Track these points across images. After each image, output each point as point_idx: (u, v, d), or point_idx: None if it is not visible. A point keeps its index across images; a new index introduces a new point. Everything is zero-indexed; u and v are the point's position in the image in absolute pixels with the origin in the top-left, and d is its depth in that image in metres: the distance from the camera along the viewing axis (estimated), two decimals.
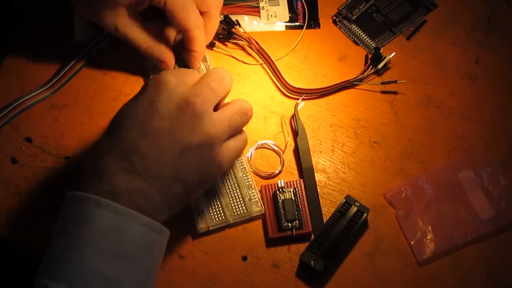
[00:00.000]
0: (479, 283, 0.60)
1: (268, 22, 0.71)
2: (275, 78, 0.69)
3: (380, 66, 0.67)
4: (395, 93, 0.68)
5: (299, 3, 0.72)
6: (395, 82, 0.68)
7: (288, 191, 0.62)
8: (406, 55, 0.70)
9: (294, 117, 0.66)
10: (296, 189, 0.62)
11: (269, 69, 0.69)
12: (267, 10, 0.72)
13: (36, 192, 0.63)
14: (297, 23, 0.71)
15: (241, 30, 0.69)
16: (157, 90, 0.54)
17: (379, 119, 0.67)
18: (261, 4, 0.72)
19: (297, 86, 0.67)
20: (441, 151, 0.65)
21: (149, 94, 0.55)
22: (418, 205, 0.63)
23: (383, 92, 0.68)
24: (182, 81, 0.55)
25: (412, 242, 0.61)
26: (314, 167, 0.64)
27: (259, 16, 0.72)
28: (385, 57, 0.68)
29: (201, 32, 0.62)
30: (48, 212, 0.62)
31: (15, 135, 0.65)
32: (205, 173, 0.55)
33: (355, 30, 0.71)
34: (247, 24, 0.71)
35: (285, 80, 0.68)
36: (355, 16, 0.71)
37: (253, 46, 0.69)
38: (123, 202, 0.50)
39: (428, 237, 0.61)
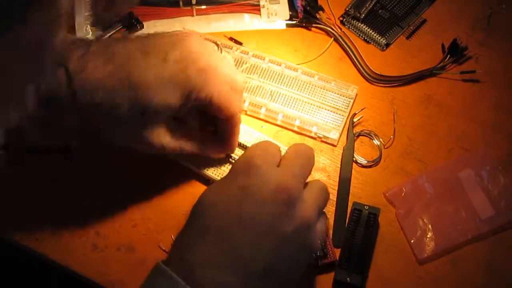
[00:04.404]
0: (479, 281, 0.60)
1: (269, 21, 0.71)
2: (358, 65, 0.69)
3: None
4: (394, 92, 0.68)
5: (299, 1, 0.72)
6: (474, 72, 0.68)
7: None
8: (406, 54, 0.70)
9: (349, 125, 0.66)
10: None
11: (353, 56, 0.69)
12: (267, 8, 0.72)
13: (37, 192, 0.63)
14: (298, 21, 0.71)
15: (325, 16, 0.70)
16: (247, 174, 0.51)
17: (379, 118, 0.67)
18: (262, 3, 0.72)
19: (379, 73, 0.68)
20: (441, 150, 0.66)
21: (240, 181, 0.51)
22: (418, 203, 0.63)
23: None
24: (271, 162, 0.52)
25: (412, 241, 0.61)
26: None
27: (260, 15, 0.72)
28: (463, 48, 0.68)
29: (240, 114, 0.60)
30: (49, 211, 0.62)
31: None
32: (300, 261, 0.51)
33: (364, 29, 0.71)
34: (248, 22, 0.71)
35: (368, 67, 0.68)
36: (363, 15, 0.71)
37: (336, 33, 0.70)
38: None
39: (428, 236, 0.61)
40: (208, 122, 0.62)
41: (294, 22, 0.71)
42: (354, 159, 0.65)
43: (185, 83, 0.53)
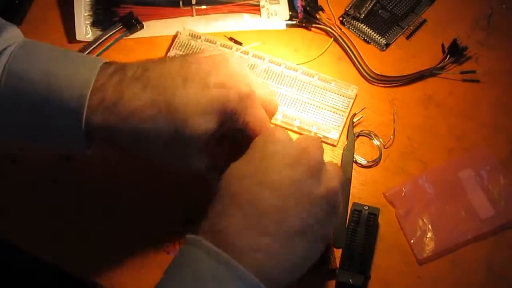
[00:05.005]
0: (479, 282, 0.60)
1: (269, 21, 0.71)
2: (358, 65, 0.69)
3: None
4: (394, 92, 0.68)
5: (299, 1, 0.72)
6: (474, 72, 0.68)
7: None
8: (406, 54, 0.70)
9: (349, 126, 0.66)
10: None
11: (353, 56, 0.69)
12: (267, 8, 0.72)
13: (36, 192, 0.63)
14: (298, 22, 0.71)
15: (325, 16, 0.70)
16: (269, 142, 0.51)
17: (379, 118, 0.67)
18: (262, 3, 0.72)
19: (379, 73, 0.68)
20: (441, 150, 0.66)
21: (260, 149, 0.51)
22: (418, 204, 0.63)
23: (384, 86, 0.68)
24: (288, 136, 0.52)
25: (412, 241, 0.61)
26: None
27: (260, 15, 0.72)
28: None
29: None
30: (49, 211, 0.62)
31: None
32: (330, 224, 0.52)
33: (364, 29, 0.71)
34: (248, 22, 0.71)
35: (368, 67, 0.68)
36: (363, 15, 0.71)
37: (335, 33, 0.70)
38: (244, 262, 0.46)
39: (428, 236, 0.61)
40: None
41: (294, 22, 0.71)
42: (354, 159, 0.65)
43: (225, 108, 0.52)
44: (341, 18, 0.72)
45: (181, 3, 0.71)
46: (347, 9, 0.72)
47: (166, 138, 0.52)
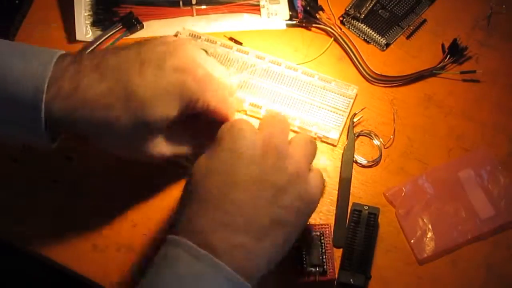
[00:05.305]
0: (479, 281, 0.60)
1: (269, 21, 0.71)
2: (358, 65, 0.69)
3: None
4: (394, 92, 0.68)
5: (299, 1, 0.72)
6: (474, 72, 0.68)
7: (314, 232, 0.60)
8: (406, 54, 0.70)
9: (349, 126, 0.66)
10: (323, 231, 0.60)
11: (353, 56, 0.69)
12: (267, 8, 0.72)
13: (37, 193, 0.63)
14: (298, 21, 0.71)
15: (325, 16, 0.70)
16: (235, 138, 0.52)
17: (379, 118, 0.67)
18: (262, 3, 0.72)
19: (379, 73, 0.68)
20: (441, 150, 0.66)
21: (227, 145, 0.52)
22: (418, 204, 0.63)
23: (384, 86, 0.68)
24: (251, 126, 0.53)
25: (412, 241, 0.61)
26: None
27: (260, 15, 0.72)
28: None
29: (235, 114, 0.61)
30: (49, 211, 0.62)
31: None
32: (301, 210, 0.52)
33: (364, 29, 0.71)
34: (248, 22, 0.71)
35: (368, 67, 0.68)
36: (363, 15, 0.71)
37: (336, 33, 0.70)
38: (223, 259, 0.47)
39: (428, 236, 0.61)
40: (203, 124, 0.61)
41: (294, 22, 0.71)
42: (354, 159, 0.65)
43: (183, 93, 0.53)
44: (341, 18, 0.72)
45: (181, 3, 0.71)
46: (347, 9, 0.72)
47: (127, 125, 0.52)
